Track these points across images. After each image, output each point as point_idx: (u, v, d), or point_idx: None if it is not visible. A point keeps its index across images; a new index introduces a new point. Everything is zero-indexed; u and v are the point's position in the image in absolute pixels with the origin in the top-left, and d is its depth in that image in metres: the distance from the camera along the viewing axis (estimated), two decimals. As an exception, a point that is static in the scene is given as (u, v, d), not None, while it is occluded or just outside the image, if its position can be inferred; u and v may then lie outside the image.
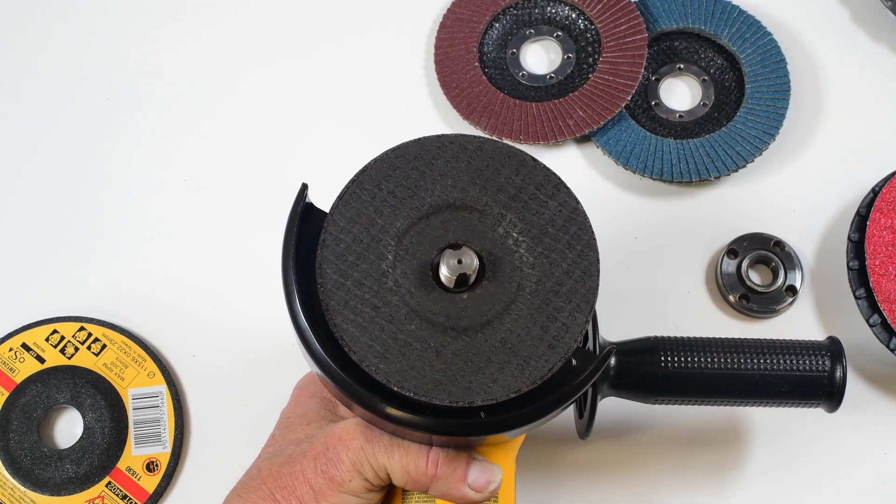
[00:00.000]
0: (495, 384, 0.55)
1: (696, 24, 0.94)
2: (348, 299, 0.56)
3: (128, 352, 0.84)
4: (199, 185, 0.91)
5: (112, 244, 0.89)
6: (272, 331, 0.85)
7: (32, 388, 0.82)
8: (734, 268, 0.85)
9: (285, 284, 0.56)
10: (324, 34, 0.97)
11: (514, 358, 0.55)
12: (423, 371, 0.55)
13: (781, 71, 0.92)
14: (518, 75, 0.95)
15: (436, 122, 0.94)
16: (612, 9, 0.93)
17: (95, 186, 0.91)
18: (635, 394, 0.71)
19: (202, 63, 0.96)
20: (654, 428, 0.82)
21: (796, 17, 0.96)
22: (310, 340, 0.55)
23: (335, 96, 0.94)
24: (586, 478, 0.81)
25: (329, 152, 0.92)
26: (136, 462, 0.81)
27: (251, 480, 0.62)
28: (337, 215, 0.58)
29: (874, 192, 0.84)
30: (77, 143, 0.93)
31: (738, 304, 0.85)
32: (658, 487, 0.80)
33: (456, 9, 0.96)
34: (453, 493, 0.60)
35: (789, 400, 0.71)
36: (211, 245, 0.89)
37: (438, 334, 0.56)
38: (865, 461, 0.81)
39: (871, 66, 0.95)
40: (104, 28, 0.97)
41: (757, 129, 0.89)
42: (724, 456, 0.81)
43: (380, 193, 0.58)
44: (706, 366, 0.70)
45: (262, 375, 0.84)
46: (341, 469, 0.59)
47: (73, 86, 0.95)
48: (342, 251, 0.57)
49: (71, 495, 0.80)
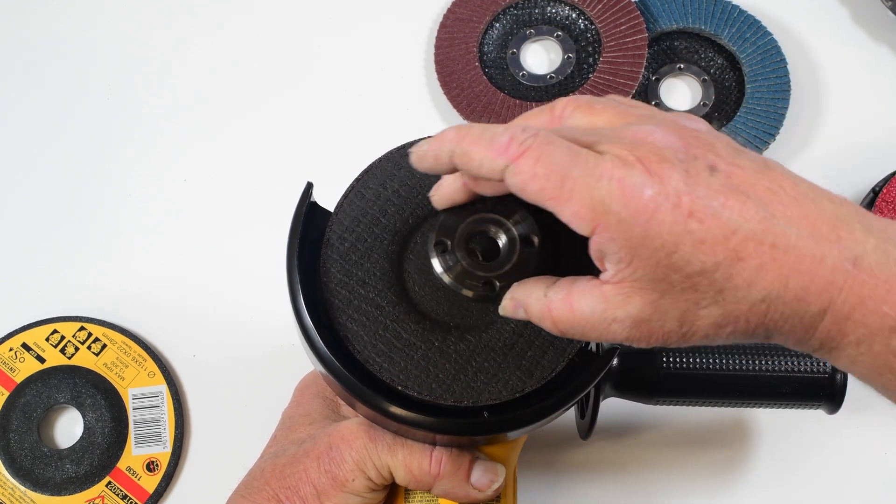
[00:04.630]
0: (500, 384, 0.55)
1: (696, 24, 0.94)
2: (352, 298, 0.56)
3: (128, 352, 0.84)
4: (200, 185, 0.91)
5: (112, 244, 0.89)
6: (272, 331, 0.85)
7: (32, 387, 0.82)
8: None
9: (290, 283, 0.56)
10: (324, 34, 0.97)
11: (518, 358, 0.55)
12: (427, 371, 0.55)
13: (781, 71, 0.92)
14: (518, 75, 0.95)
15: (436, 122, 0.94)
16: (612, 9, 0.93)
17: (96, 186, 0.91)
18: (637, 394, 0.72)
19: (203, 63, 0.96)
20: (655, 428, 0.82)
21: (796, 17, 0.96)
22: (314, 339, 0.55)
23: (335, 96, 0.94)
24: (588, 478, 0.81)
25: (329, 152, 0.92)
26: (136, 462, 0.81)
27: (254, 481, 0.62)
28: (342, 214, 0.58)
29: (874, 192, 0.84)
30: (77, 143, 0.92)
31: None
32: (659, 488, 0.80)
33: (456, 9, 0.96)
34: (456, 492, 0.60)
35: (790, 401, 0.71)
36: (211, 245, 0.89)
37: (443, 334, 0.56)
38: (865, 461, 0.82)
39: (871, 66, 0.95)
40: (105, 28, 0.97)
41: (757, 129, 0.89)
42: (725, 456, 0.81)
43: (384, 192, 0.58)
44: (708, 367, 0.70)
45: (262, 375, 0.84)
46: (344, 468, 0.59)
47: (74, 86, 0.95)
48: (346, 250, 0.57)
49: (71, 495, 0.80)
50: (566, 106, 0.52)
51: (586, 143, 0.48)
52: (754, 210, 0.47)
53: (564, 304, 0.50)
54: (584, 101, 0.52)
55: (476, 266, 0.54)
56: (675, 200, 0.46)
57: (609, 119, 0.51)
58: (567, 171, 0.46)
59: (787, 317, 0.48)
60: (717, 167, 0.47)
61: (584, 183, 0.46)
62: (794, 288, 0.47)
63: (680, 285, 0.47)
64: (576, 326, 0.50)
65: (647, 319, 0.49)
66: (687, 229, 0.46)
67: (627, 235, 0.46)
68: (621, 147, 0.47)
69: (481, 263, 0.54)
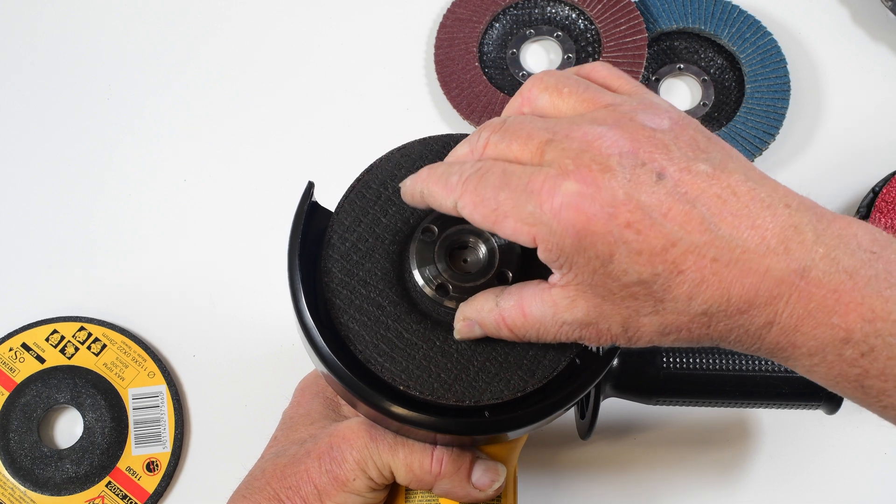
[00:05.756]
0: (501, 383, 0.55)
1: (696, 24, 0.94)
2: (353, 298, 0.56)
3: (128, 352, 0.84)
4: (199, 185, 0.91)
5: (112, 244, 0.89)
6: (272, 331, 0.85)
7: (32, 388, 0.82)
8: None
9: (291, 282, 0.56)
10: (324, 34, 0.97)
11: (520, 357, 0.55)
12: (429, 371, 0.55)
13: (781, 71, 0.92)
14: (518, 75, 0.95)
15: (436, 122, 0.94)
16: (612, 9, 0.93)
17: (96, 186, 0.91)
18: (637, 394, 0.72)
19: (203, 63, 0.96)
20: (655, 428, 0.82)
21: (796, 17, 0.96)
22: (315, 338, 0.55)
23: (335, 96, 0.94)
24: (587, 478, 0.81)
25: (328, 153, 0.92)
26: (136, 462, 0.81)
27: (255, 481, 0.62)
28: (343, 214, 0.58)
29: (874, 192, 0.84)
30: (77, 143, 0.92)
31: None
32: (659, 488, 0.80)
33: (456, 9, 0.96)
34: (457, 491, 0.60)
35: (790, 401, 0.71)
36: (211, 245, 0.89)
37: (444, 333, 0.56)
38: (865, 461, 0.82)
39: (871, 66, 0.95)
40: (105, 29, 0.97)
41: (757, 129, 0.89)
42: (725, 456, 0.81)
43: (385, 192, 0.58)
44: (708, 367, 0.70)
45: (262, 375, 0.84)
46: (345, 468, 0.59)
47: (73, 86, 0.95)
48: (347, 250, 0.57)
49: (71, 495, 0.80)
50: (533, 87, 0.53)
51: (539, 142, 0.49)
52: (698, 221, 0.46)
53: (516, 311, 0.51)
54: (553, 82, 0.53)
55: (456, 278, 0.55)
56: (612, 210, 0.46)
57: (573, 106, 0.51)
58: (497, 194, 0.48)
59: (731, 328, 0.48)
60: (665, 173, 0.47)
61: (515, 201, 0.48)
62: (736, 302, 0.47)
63: (619, 293, 0.48)
64: (531, 331, 0.51)
65: (594, 322, 0.50)
66: (622, 239, 0.46)
67: (561, 245, 0.47)
68: (565, 154, 0.48)
69: (461, 275, 0.55)
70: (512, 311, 0.52)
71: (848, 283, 0.47)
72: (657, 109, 0.50)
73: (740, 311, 0.47)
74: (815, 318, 0.47)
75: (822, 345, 0.47)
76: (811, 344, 0.47)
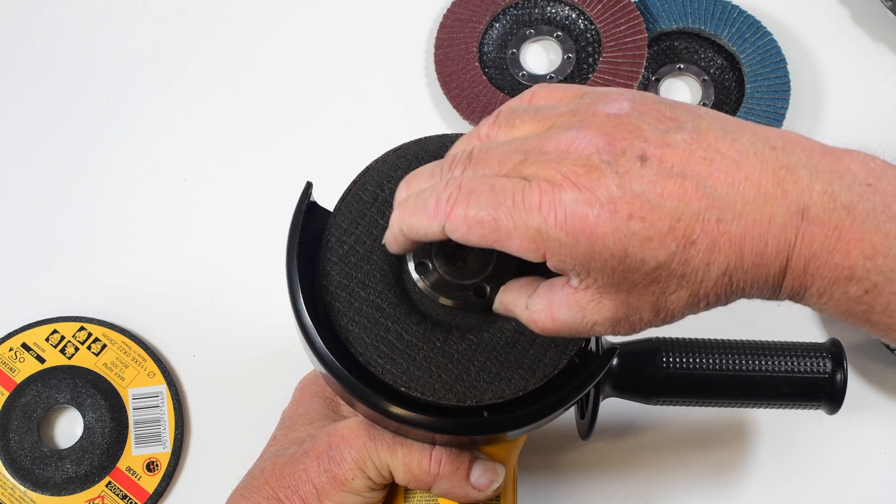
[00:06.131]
0: (502, 382, 0.55)
1: (696, 24, 0.94)
2: (353, 300, 0.56)
3: (128, 352, 0.84)
4: (199, 185, 0.91)
5: (112, 244, 0.89)
6: (272, 331, 0.85)
7: (32, 388, 0.82)
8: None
9: (289, 283, 0.56)
10: (323, 34, 0.97)
11: (520, 356, 0.55)
12: (430, 371, 0.55)
13: (781, 71, 0.92)
14: (518, 75, 0.95)
15: (436, 122, 0.94)
16: (612, 9, 0.93)
17: (95, 186, 0.91)
18: (637, 394, 0.72)
19: (203, 63, 0.96)
20: (654, 428, 0.82)
21: (796, 17, 0.96)
22: (314, 339, 0.55)
23: (335, 96, 0.94)
24: (587, 478, 0.81)
25: (329, 152, 0.92)
26: (136, 462, 0.81)
27: (254, 480, 0.62)
28: (340, 216, 0.58)
29: (874, 192, 0.84)
30: (77, 143, 0.92)
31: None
32: (659, 488, 0.80)
33: (456, 9, 0.95)
34: (456, 491, 0.60)
35: (790, 401, 0.71)
36: (211, 245, 0.89)
37: (444, 334, 0.56)
38: (865, 461, 0.82)
39: (871, 66, 0.95)
40: (105, 29, 0.97)
41: (757, 129, 0.89)
42: (725, 456, 0.81)
43: (381, 194, 0.58)
44: (708, 367, 0.70)
45: (262, 375, 0.84)
46: (344, 467, 0.59)
47: (73, 86, 0.95)
48: (345, 252, 0.57)
49: (71, 495, 0.80)
50: (487, 130, 0.53)
51: (514, 164, 0.49)
52: (693, 189, 0.47)
53: (546, 315, 0.52)
54: (504, 117, 0.53)
55: (453, 275, 0.55)
56: (612, 208, 0.47)
57: (531, 128, 0.51)
58: (492, 213, 0.48)
59: (751, 282, 0.49)
60: (646, 155, 0.47)
61: (518, 218, 0.47)
62: (750, 256, 0.48)
63: (642, 282, 0.48)
64: (562, 332, 0.52)
65: (624, 317, 0.50)
66: (630, 232, 0.47)
67: (574, 254, 0.47)
68: (547, 167, 0.48)
69: (458, 273, 0.55)
70: (542, 315, 0.52)
71: (847, 219, 0.47)
72: (612, 96, 0.50)
73: (756, 265, 0.48)
74: (820, 259, 0.47)
75: (828, 283, 0.48)
76: (819, 284, 0.48)
